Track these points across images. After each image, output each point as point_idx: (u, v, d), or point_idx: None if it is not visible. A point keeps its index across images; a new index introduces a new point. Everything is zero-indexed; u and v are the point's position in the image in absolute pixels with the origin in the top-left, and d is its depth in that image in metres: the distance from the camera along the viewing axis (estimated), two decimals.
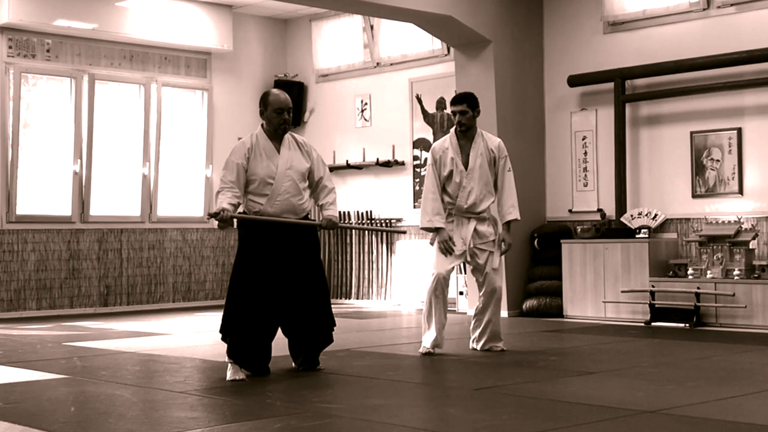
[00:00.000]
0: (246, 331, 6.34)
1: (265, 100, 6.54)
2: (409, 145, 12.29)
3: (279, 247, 6.43)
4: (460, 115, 7.48)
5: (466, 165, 7.40)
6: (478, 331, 7.58)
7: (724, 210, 9.79)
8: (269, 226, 6.41)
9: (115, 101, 12.28)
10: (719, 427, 4.71)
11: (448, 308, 7.53)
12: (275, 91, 6.64)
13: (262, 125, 6.56)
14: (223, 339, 6.45)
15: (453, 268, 7.39)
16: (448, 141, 7.53)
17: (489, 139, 7.58)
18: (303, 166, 6.54)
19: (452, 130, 7.59)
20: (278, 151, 6.48)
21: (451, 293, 10.88)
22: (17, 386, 6.21)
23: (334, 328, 6.68)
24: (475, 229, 7.37)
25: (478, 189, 7.37)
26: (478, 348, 7.56)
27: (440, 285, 7.30)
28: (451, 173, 7.38)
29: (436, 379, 6.41)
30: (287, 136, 6.56)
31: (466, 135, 7.51)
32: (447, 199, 7.40)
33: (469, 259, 7.40)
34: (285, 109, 6.50)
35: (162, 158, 12.53)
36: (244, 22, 13.40)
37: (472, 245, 7.35)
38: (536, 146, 11.16)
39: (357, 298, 12.76)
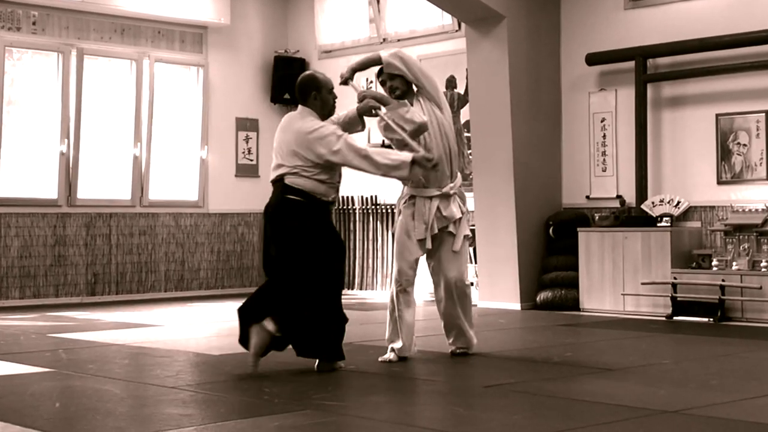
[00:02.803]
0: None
1: (316, 83, 6.64)
2: None
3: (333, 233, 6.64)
4: (391, 80, 6.96)
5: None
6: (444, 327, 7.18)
7: (751, 197, 9.76)
8: (325, 213, 6.50)
9: (105, 77, 12.25)
10: (745, 429, 4.70)
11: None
12: (315, 71, 6.79)
13: (309, 111, 6.58)
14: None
15: (417, 259, 6.92)
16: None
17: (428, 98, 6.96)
18: None
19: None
20: None
21: None
22: None
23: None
24: (438, 209, 6.88)
25: (437, 154, 6.76)
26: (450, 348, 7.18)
27: (403, 281, 6.86)
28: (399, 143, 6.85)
29: (444, 376, 6.41)
30: None
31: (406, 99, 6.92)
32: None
33: (429, 246, 6.92)
34: (333, 87, 6.73)
35: (154, 138, 12.51)
36: None
37: (435, 229, 6.87)
38: (552, 128, 11.13)
39: (360, 289, 12.76)
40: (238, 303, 6.58)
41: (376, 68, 7.18)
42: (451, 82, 11.91)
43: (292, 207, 6.38)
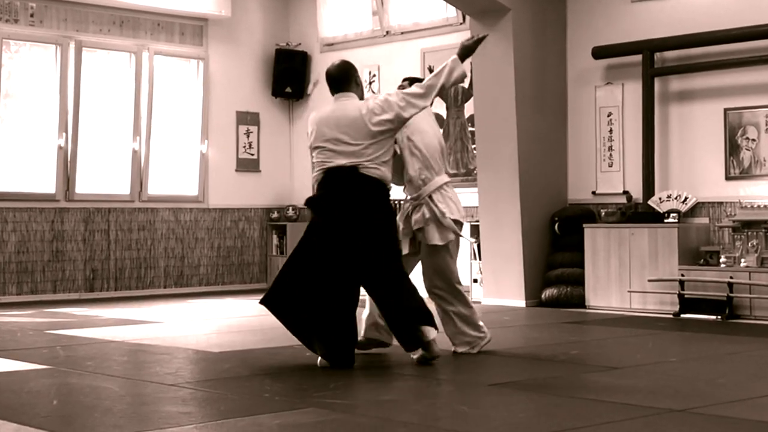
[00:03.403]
0: None
1: (353, 67, 6.73)
2: None
3: None
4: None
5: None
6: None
7: (760, 193, 9.74)
8: None
9: (104, 70, 12.25)
10: (754, 428, 4.69)
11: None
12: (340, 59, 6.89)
13: (351, 95, 6.63)
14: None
15: None
16: None
17: None
18: None
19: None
20: None
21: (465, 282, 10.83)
22: None
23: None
24: (407, 217, 6.94)
25: (412, 164, 6.87)
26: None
27: None
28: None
29: (448, 374, 6.39)
30: None
31: None
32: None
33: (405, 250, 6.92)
34: None
35: (154, 132, 12.50)
36: None
37: (408, 234, 6.91)
38: (558, 123, 11.11)
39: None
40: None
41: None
42: None
43: (383, 198, 6.50)
